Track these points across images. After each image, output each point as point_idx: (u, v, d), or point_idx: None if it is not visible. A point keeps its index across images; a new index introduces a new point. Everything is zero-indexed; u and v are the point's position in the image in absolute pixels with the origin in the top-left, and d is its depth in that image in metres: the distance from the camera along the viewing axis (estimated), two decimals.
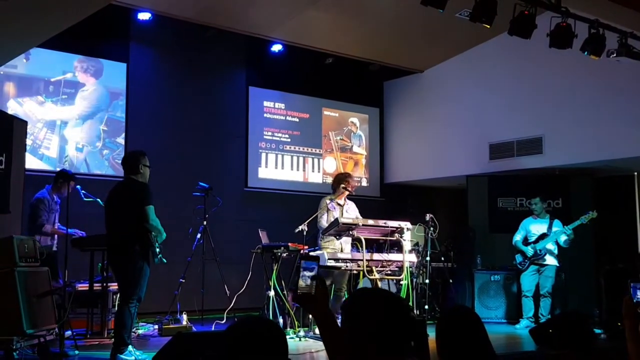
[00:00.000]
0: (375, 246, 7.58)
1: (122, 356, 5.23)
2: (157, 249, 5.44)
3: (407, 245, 7.34)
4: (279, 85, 10.40)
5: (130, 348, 5.29)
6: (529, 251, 8.22)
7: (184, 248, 7.99)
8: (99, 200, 6.67)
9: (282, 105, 10.47)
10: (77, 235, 6.92)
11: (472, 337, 2.43)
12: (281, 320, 6.77)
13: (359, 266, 6.74)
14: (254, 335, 1.87)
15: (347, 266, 6.79)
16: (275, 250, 6.89)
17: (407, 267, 6.92)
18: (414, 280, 8.09)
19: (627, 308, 2.80)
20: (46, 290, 5.46)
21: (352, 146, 11.27)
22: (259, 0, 8.54)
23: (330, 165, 10.93)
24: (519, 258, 8.35)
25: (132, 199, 5.47)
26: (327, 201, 7.31)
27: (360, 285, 7.03)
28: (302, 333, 6.60)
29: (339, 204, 7.33)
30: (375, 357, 2.02)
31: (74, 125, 8.54)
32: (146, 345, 6.02)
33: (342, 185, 7.32)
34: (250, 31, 9.35)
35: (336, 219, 6.80)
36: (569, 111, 9.27)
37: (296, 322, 6.73)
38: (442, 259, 8.79)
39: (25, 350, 5.20)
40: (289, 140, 10.48)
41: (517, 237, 8.38)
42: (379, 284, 6.89)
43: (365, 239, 6.73)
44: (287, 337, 2.00)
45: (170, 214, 7.71)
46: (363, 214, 7.42)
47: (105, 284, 6.79)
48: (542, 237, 8.21)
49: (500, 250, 9.21)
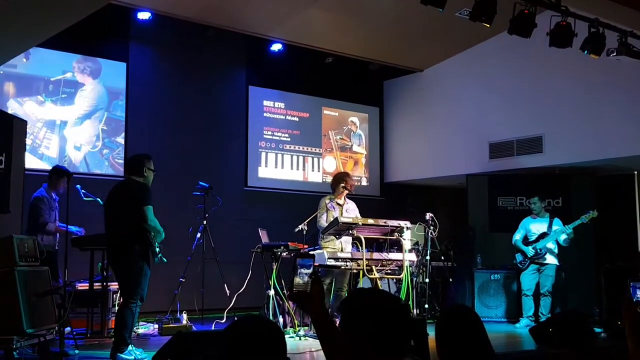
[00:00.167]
0: (375, 245, 7.59)
1: (122, 355, 5.23)
2: (157, 249, 5.44)
3: (407, 244, 7.35)
4: (278, 85, 10.40)
5: (130, 347, 5.29)
6: (529, 251, 8.21)
7: (184, 247, 7.99)
8: (99, 199, 6.68)
9: (282, 105, 10.47)
10: (78, 234, 6.91)
11: (471, 336, 2.43)
12: (281, 319, 6.77)
13: (359, 265, 6.74)
14: (253, 334, 1.88)
15: (347, 265, 6.79)
16: (275, 250, 6.89)
17: (407, 266, 6.92)
18: (414, 279, 8.09)
19: (627, 307, 2.80)
20: (46, 290, 5.46)
21: (352, 145, 11.27)
22: (259, 0, 8.54)
23: (330, 164, 10.93)
24: (519, 257, 8.34)
25: (132, 199, 5.46)
26: (327, 201, 7.31)
27: (361, 284, 7.03)
28: (302, 332, 6.60)
29: (338, 204, 7.33)
30: (373, 357, 2.02)
31: (73, 125, 8.54)
32: (146, 345, 6.01)
33: (342, 185, 7.32)
34: (250, 30, 9.35)
35: (336, 218, 6.80)
36: (569, 110, 9.27)
37: (296, 322, 6.73)
38: (442, 258, 8.78)
39: (25, 349, 5.20)
40: (289, 139, 10.48)
41: (517, 237, 8.38)
42: (379, 283, 6.89)
43: (365, 238, 6.72)
44: (286, 337, 2.00)
45: (170, 213, 7.72)
46: (363, 213, 7.41)
47: (105, 284, 6.79)
48: (542, 236, 8.21)
49: (500, 250, 9.21)
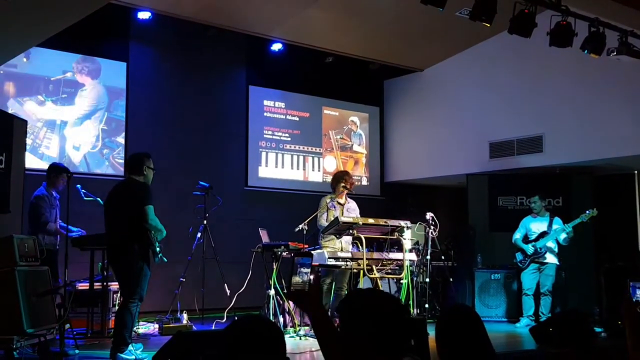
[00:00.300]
0: (375, 245, 7.59)
1: (122, 355, 5.23)
2: (158, 248, 5.44)
3: (407, 244, 7.35)
4: (279, 84, 10.39)
5: (130, 347, 5.29)
6: (529, 249, 8.21)
7: (184, 247, 7.99)
8: (99, 199, 6.68)
9: (282, 104, 10.47)
10: (78, 234, 6.91)
11: (471, 336, 2.43)
12: (281, 319, 6.77)
13: (359, 265, 6.74)
14: (253, 334, 1.88)
15: (347, 265, 6.79)
16: (275, 250, 6.88)
17: (407, 266, 6.92)
18: (414, 279, 8.10)
19: (627, 307, 2.80)
20: (46, 290, 5.46)
21: (352, 145, 11.27)
22: (259, 0, 8.53)
23: (331, 164, 10.93)
24: (519, 256, 8.34)
25: (132, 199, 5.46)
26: (327, 200, 7.32)
27: (361, 284, 7.03)
28: (302, 332, 6.59)
29: (339, 203, 7.33)
30: (373, 356, 2.02)
31: (73, 125, 8.54)
32: (146, 344, 6.01)
33: (341, 184, 7.32)
34: (250, 30, 9.35)
35: (336, 217, 6.80)
36: (569, 110, 9.26)
37: (296, 321, 6.73)
38: (443, 257, 8.78)
39: (26, 349, 5.20)
40: (289, 139, 10.48)
41: (517, 235, 8.38)
42: (380, 282, 6.89)
43: (365, 237, 6.72)
44: (287, 336, 2.00)
45: (171, 213, 7.72)
46: (363, 213, 7.41)
47: (105, 283, 6.79)
48: (543, 235, 8.21)
49: (500, 249, 9.22)
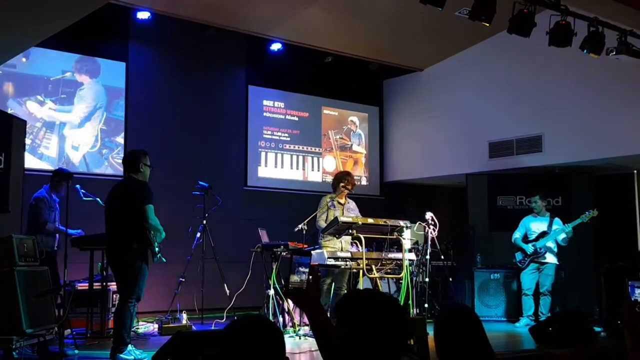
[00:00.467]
0: (375, 245, 7.59)
1: (122, 355, 5.23)
2: (157, 248, 5.44)
3: (406, 243, 7.35)
4: (278, 84, 10.39)
5: (130, 347, 5.29)
6: (529, 248, 8.21)
7: (184, 247, 7.99)
8: (98, 199, 6.68)
9: (282, 104, 10.47)
10: (76, 235, 6.92)
11: (470, 336, 2.43)
12: (281, 319, 6.77)
13: (358, 265, 6.74)
14: (252, 334, 1.88)
15: (346, 265, 6.79)
16: (275, 249, 6.89)
17: (406, 266, 6.92)
18: (414, 278, 8.09)
19: (626, 306, 2.79)
20: (46, 290, 5.46)
21: (351, 145, 11.27)
22: None
23: (330, 164, 10.93)
24: (518, 256, 8.34)
25: (132, 198, 5.46)
26: (328, 200, 7.32)
27: (360, 284, 7.03)
28: (302, 332, 6.59)
29: (339, 203, 7.34)
30: (370, 356, 2.02)
31: (73, 125, 8.53)
32: (146, 344, 6.01)
33: (342, 184, 7.33)
34: (250, 30, 9.34)
35: (336, 217, 6.80)
36: (569, 109, 9.27)
37: (296, 321, 6.72)
38: (442, 257, 8.77)
39: (25, 349, 5.20)
40: (289, 139, 10.48)
41: (517, 235, 8.38)
42: (379, 282, 6.89)
43: (364, 237, 6.73)
44: (286, 336, 2.00)
45: (170, 212, 7.71)
46: (363, 213, 7.42)
47: (105, 283, 6.79)
48: (542, 235, 8.20)
49: (500, 249, 9.21)
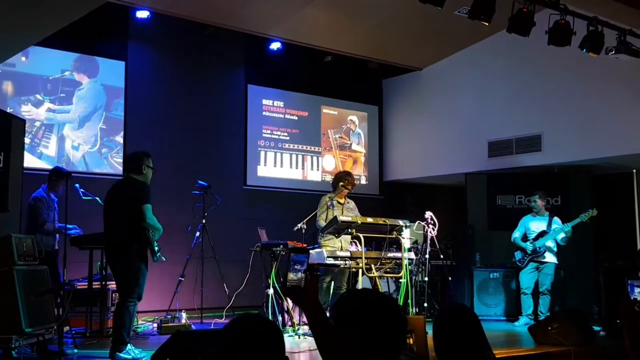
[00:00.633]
0: (374, 244, 7.59)
1: (121, 355, 5.23)
2: (156, 248, 5.43)
3: (406, 243, 7.34)
4: (277, 84, 10.39)
5: (129, 347, 5.29)
6: (528, 247, 8.21)
7: (183, 246, 8.00)
8: (98, 198, 6.68)
9: (281, 104, 10.47)
10: (75, 232, 6.90)
11: (468, 335, 2.44)
12: (280, 318, 6.77)
13: (358, 264, 6.74)
14: (251, 333, 1.88)
15: (346, 264, 6.79)
16: (274, 249, 6.88)
17: (406, 265, 6.92)
18: (413, 278, 8.09)
19: (625, 306, 2.80)
20: (45, 289, 5.46)
21: (351, 144, 11.27)
22: None
23: (329, 163, 10.93)
24: (518, 255, 8.34)
25: (131, 199, 5.45)
26: (327, 199, 7.33)
27: (360, 283, 7.04)
28: (301, 331, 6.58)
29: (339, 202, 7.35)
30: (368, 355, 2.02)
31: (72, 124, 8.53)
32: (145, 344, 6.01)
33: (341, 184, 7.34)
34: (249, 29, 9.34)
35: (335, 216, 6.81)
36: (568, 109, 9.26)
37: (295, 320, 6.72)
38: (441, 256, 8.77)
39: (24, 349, 5.19)
40: (288, 138, 10.47)
41: (516, 234, 8.38)
42: (378, 281, 6.89)
43: (364, 236, 6.73)
44: (286, 335, 2.00)
45: (170, 212, 7.72)
46: (362, 212, 7.42)
47: (104, 283, 6.79)
48: (542, 234, 8.20)
49: (499, 248, 9.22)
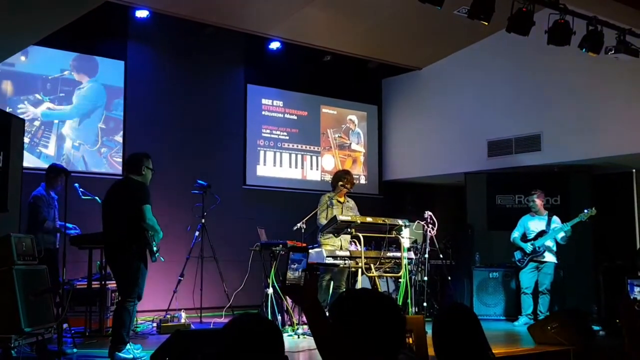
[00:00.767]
0: (373, 243, 7.60)
1: (121, 354, 5.23)
2: (155, 248, 5.44)
3: (405, 242, 7.34)
4: (277, 83, 10.38)
5: (128, 346, 5.29)
6: (528, 247, 8.22)
7: (183, 246, 7.99)
8: (97, 198, 6.67)
9: (281, 103, 10.46)
10: (75, 233, 6.90)
11: (468, 334, 2.44)
12: (280, 317, 6.77)
13: (357, 263, 6.74)
14: (251, 333, 1.88)
15: (345, 263, 6.79)
16: (273, 248, 6.89)
17: (405, 265, 6.93)
18: (413, 277, 8.10)
19: (625, 305, 2.80)
20: (44, 289, 5.46)
21: (350, 144, 11.27)
22: None
23: (329, 162, 10.92)
24: (517, 255, 8.34)
25: (130, 199, 5.45)
26: (327, 199, 7.33)
27: (359, 283, 7.04)
28: (300, 331, 6.59)
29: (339, 202, 7.35)
30: (367, 355, 2.02)
31: (71, 124, 8.52)
32: (145, 343, 6.01)
33: (341, 183, 7.34)
34: (249, 29, 9.34)
35: (334, 216, 6.81)
36: (567, 108, 9.27)
37: (295, 320, 6.73)
38: (441, 256, 8.78)
39: (24, 348, 5.19)
40: (288, 138, 10.47)
41: (515, 234, 8.38)
42: (378, 281, 6.89)
43: (363, 236, 6.73)
44: (285, 335, 2.00)
45: (169, 212, 7.72)
46: (361, 212, 7.43)
47: (103, 282, 6.79)
48: (541, 234, 8.21)
49: (498, 248, 9.22)
